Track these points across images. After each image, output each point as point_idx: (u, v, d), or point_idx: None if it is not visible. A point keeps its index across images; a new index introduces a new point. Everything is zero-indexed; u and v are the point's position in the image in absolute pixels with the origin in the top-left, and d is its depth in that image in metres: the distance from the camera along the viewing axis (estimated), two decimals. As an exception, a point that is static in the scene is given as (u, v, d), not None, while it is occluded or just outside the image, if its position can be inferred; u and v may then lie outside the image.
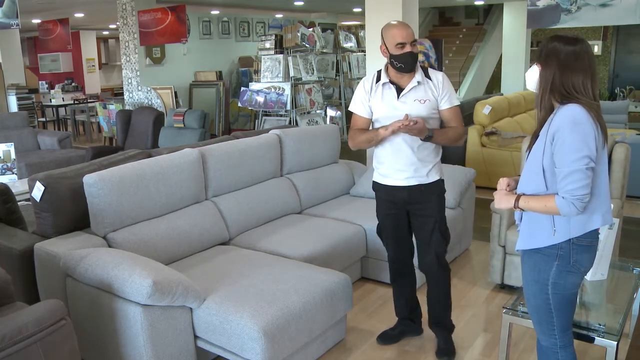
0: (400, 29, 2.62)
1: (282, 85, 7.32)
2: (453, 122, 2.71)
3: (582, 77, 1.88)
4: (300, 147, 4.19)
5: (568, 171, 1.84)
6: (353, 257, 3.67)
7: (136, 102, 8.08)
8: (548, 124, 1.93)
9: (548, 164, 1.91)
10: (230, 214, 3.50)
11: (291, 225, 3.68)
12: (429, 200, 2.76)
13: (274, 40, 7.48)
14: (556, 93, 1.91)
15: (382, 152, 2.78)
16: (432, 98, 2.67)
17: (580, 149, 1.82)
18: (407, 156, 2.71)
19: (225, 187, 3.59)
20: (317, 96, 7.78)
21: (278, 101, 7.27)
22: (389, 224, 2.88)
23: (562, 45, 1.91)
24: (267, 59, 7.46)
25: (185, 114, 6.64)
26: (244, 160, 3.69)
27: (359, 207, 4.07)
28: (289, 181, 4.08)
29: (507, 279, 3.62)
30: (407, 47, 2.60)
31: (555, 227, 1.95)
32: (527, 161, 2.03)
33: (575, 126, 1.83)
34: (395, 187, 2.77)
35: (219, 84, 8.84)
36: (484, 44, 11.62)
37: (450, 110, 2.70)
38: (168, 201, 3.17)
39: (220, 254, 3.18)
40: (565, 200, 1.86)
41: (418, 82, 2.67)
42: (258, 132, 4.20)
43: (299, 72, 7.39)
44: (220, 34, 9.91)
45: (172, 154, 3.31)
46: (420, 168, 2.72)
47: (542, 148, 1.92)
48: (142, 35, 7.68)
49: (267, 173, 3.92)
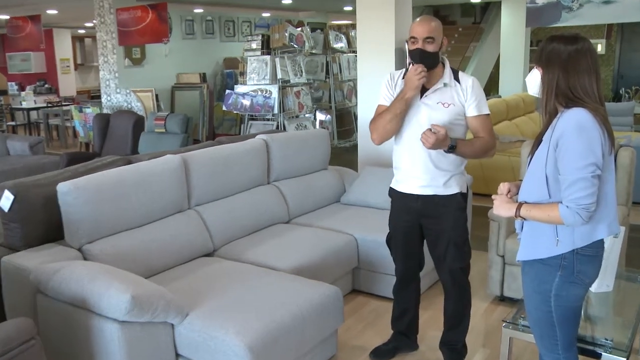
0: (418, 23, 2.60)
1: (269, 88, 7.32)
2: (482, 133, 2.64)
3: (587, 77, 1.88)
4: (288, 153, 4.18)
5: (573, 179, 1.84)
6: (344, 269, 3.66)
7: (114, 106, 8.04)
8: (551, 129, 1.92)
9: (551, 171, 1.91)
10: (215, 224, 3.49)
11: (279, 235, 3.67)
12: (443, 215, 2.70)
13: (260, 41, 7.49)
14: (561, 97, 1.90)
15: (398, 156, 2.77)
16: (457, 103, 2.63)
17: (585, 156, 1.82)
18: (423, 162, 2.67)
19: (209, 195, 3.57)
20: (306, 99, 7.78)
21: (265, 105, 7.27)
22: (399, 235, 2.86)
23: (562, 45, 1.91)
24: (254, 60, 7.46)
25: (167, 118, 6.61)
26: (229, 167, 3.68)
27: (350, 215, 4.07)
28: (277, 189, 4.07)
29: (507, 291, 3.63)
30: (419, 43, 2.58)
31: (559, 236, 1.95)
32: (529, 168, 2.02)
33: (580, 132, 1.83)
34: (408, 195, 2.75)
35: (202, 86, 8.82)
36: (481, 44, 11.71)
37: (478, 118, 2.64)
38: (148, 210, 3.15)
39: (204, 266, 3.16)
40: (570, 209, 1.85)
41: (444, 84, 2.64)
42: (244, 137, 4.19)
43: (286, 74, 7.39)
44: (204, 34, 9.90)
45: (153, 160, 3.29)
46: (437, 177, 2.67)
47: (545, 154, 1.92)
48: (121, 35, 7.66)
49: (253, 180, 3.91)
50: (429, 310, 3.57)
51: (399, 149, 2.78)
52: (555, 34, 1.97)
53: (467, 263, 2.80)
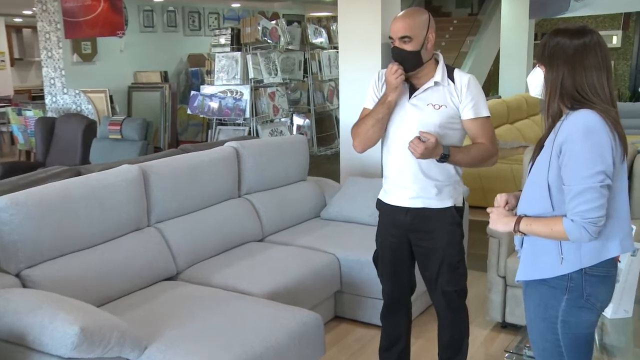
0: (394, 20, 2.66)
1: (239, 89, 7.32)
2: (481, 138, 2.65)
3: (595, 75, 1.90)
4: (262, 163, 4.19)
5: (579, 189, 1.85)
6: (325, 293, 3.66)
7: (61, 108, 7.97)
8: (554, 132, 1.94)
9: (554, 180, 1.92)
10: (178, 243, 3.47)
11: (251, 255, 3.66)
12: (435, 231, 2.72)
13: (230, 35, 7.49)
14: (567, 97, 1.92)
15: (387, 163, 2.79)
16: (451, 104, 2.64)
17: (593, 163, 1.83)
18: (411, 170, 2.68)
19: (172, 210, 3.56)
20: (281, 101, 7.80)
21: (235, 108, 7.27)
22: (386, 252, 2.88)
23: (567, 39, 1.93)
24: (222, 58, 7.47)
25: (123, 123, 6.58)
26: (195, 179, 3.67)
27: (331, 232, 4.08)
28: (249, 203, 4.07)
29: (510, 317, 3.66)
30: (396, 42, 2.63)
31: (563, 254, 1.96)
32: (530, 176, 2.04)
33: (587, 136, 1.84)
34: (395, 208, 2.76)
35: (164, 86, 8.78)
36: (479, 38, 11.84)
37: (475, 122, 2.64)
38: (101, 229, 3.12)
39: (165, 291, 3.15)
40: (576, 223, 1.86)
41: (435, 83, 2.66)
42: (211, 145, 4.19)
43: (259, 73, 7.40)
44: (166, 27, 9.88)
45: (107, 171, 3.28)
46: (428, 187, 2.69)
47: (547, 161, 1.94)
48: (68, 26, 7.58)
49: (222, 193, 3.90)
50: (421, 339, 3.59)
51: (386, 156, 2.81)
52: (560, 26, 1.99)
53: (463, 285, 2.82)
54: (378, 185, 2.91)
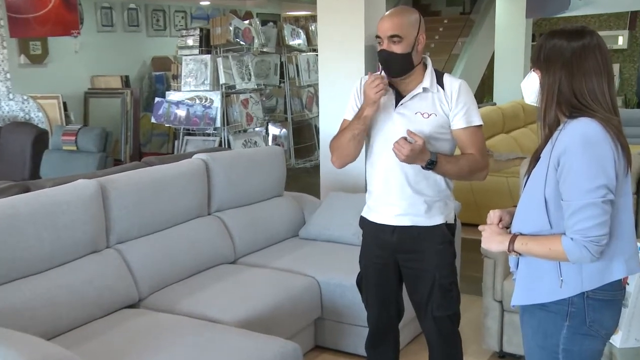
0: (382, 18, 2.67)
1: (209, 95, 7.32)
2: (470, 148, 2.68)
3: (595, 80, 1.92)
4: (234, 177, 4.18)
5: (579, 205, 1.87)
6: (304, 320, 3.66)
7: (6, 116, 7.88)
8: (551, 143, 1.96)
9: (552, 195, 1.94)
10: (141, 267, 3.45)
11: (222, 278, 3.65)
12: (425, 251, 2.73)
13: (198, 36, 7.50)
14: (565, 105, 1.95)
15: (371, 177, 2.81)
16: (441, 112, 2.66)
17: (594, 177, 1.86)
18: (398, 185, 2.70)
19: (134, 230, 3.54)
20: (255, 109, 7.80)
21: (204, 116, 7.26)
22: (371, 275, 2.88)
23: (564, 41, 1.96)
24: (190, 61, 7.46)
25: (79, 133, 6.53)
26: (159, 195, 3.66)
27: (311, 253, 4.08)
28: (219, 221, 4.06)
29: (507, 345, 3.68)
30: (384, 42, 2.64)
31: (563, 276, 1.97)
32: (525, 190, 2.07)
33: (587, 147, 1.86)
34: (381, 226, 2.78)
35: (125, 92, 8.75)
36: (471, 39, 11.95)
37: (466, 131, 2.66)
38: (53, 251, 3.10)
39: (126, 320, 3.12)
40: (576, 242, 1.88)
41: (424, 89, 2.68)
42: (178, 157, 4.18)
43: (231, 77, 7.41)
44: (126, 26, 9.85)
45: (60, 187, 3.25)
46: (416, 203, 2.70)
47: (543, 174, 1.96)
48: (13, 23, 7.47)
49: (189, 211, 3.89)
50: (411, 370, 3.59)
51: (370, 169, 2.82)
52: (557, 28, 2.02)
53: (456, 310, 2.83)
54: (362, 201, 2.92)
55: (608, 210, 1.88)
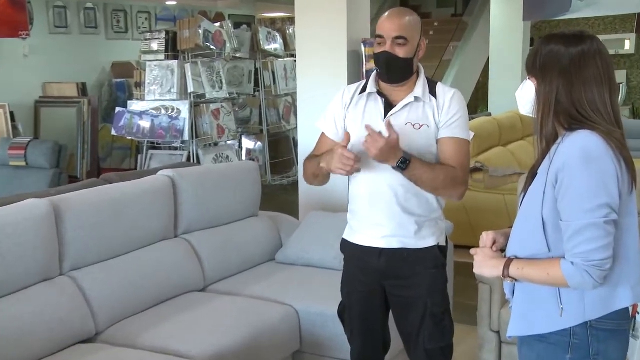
0: (387, 18, 2.67)
1: (176, 105, 7.31)
2: (451, 161, 2.69)
3: (596, 88, 1.94)
4: (204, 195, 4.18)
5: (579, 226, 1.88)
6: (281, 353, 3.65)
7: (-52, 128, 7.83)
8: (549, 158, 1.98)
9: (550, 215, 1.96)
10: (98, 296, 3.43)
11: (190, 308, 3.64)
12: (415, 276, 2.73)
13: (164, 40, 7.50)
14: (564, 116, 1.97)
15: (355, 195, 2.81)
16: (432, 124, 2.69)
17: (595, 195, 1.87)
18: (386, 203, 2.70)
19: (91, 255, 3.52)
20: (227, 121, 7.81)
21: (171, 128, 7.25)
22: (355, 305, 2.88)
23: (562, 46, 1.98)
24: (155, 67, 7.46)
25: (29, 147, 6.49)
26: (120, 216, 3.64)
27: (288, 279, 4.08)
28: (187, 244, 4.05)
29: (505, 379, 3.68)
30: (387, 44, 2.64)
31: (563, 304, 1.98)
32: (521, 210, 2.08)
33: (588, 162, 1.88)
34: (367, 250, 2.78)
35: (81, 101, 8.71)
36: (464, 44, 12.04)
37: (450, 142, 2.69)
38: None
39: (81, 357, 3.09)
40: (576, 267, 1.89)
41: (415, 99, 2.69)
42: (141, 174, 4.17)
43: (200, 86, 7.41)
44: (83, 28, 9.82)
45: (7, 207, 3.23)
46: (405, 224, 2.71)
47: (541, 192, 1.97)
48: (-48, 23, 7.43)
49: (154, 233, 3.88)
50: (399, 409, 3.58)
51: (354, 186, 2.83)
52: (554, 32, 2.05)
53: (449, 342, 2.83)
54: (344, 221, 2.92)
55: (611, 232, 1.89)
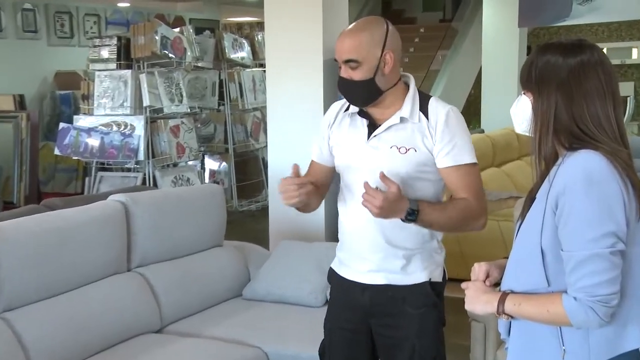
0: (338, 39, 2.69)
1: (130, 121, 7.29)
2: (462, 192, 2.68)
3: (599, 103, 1.96)
4: (161, 223, 4.16)
5: (582, 257, 1.88)
6: (251, 404, 3.63)
7: None
8: (548, 181, 1.99)
9: (550, 244, 1.97)
10: (37, 341, 3.39)
11: (145, 352, 3.62)
12: (403, 315, 2.75)
13: (115, 46, 7.49)
14: (564, 134, 1.99)
15: (341, 224, 2.84)
16: (421, 147, 2.66)
17: (600, 222, 1.88)
18: (369, 234, 2.71)
19: (29, 293, 3.48)
20: (188, 138, 7.80)
21: (124, 147, 7.22)
22: (338, 345, 2.89)
23: (560, 57, 2.00)
24: (105, 77, 7.44)
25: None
26: (64, 247, 3.62)
27: (257, 317, 4.07)
28: (142, 279, 4.03)
29: None
30: (342, 68, 2.67)
31: (565, 345, 1.98)
32: (517, 239, 2.10)
33: (591, 185, 1.89)
34: (352, 284, 2.79)
35: (19, 116, 8.66)
36: (454, 53, 12.12)
37: (456, 171, 2.67)
38: None
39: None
40: (580, 303, 1.89)
41: (401, 119, 2.68)
42: (89, 199, 4.16)
43: (158, 99, 7.40)
44: (20, 32, 9.77)
45: None
46: (391, 257, 2.71)
47: (540, 218, 1.98)
48: None
49: (103, 267, 3.85)
50: None
51: (340, 214, 2.85)
52: (551, 41, 2.07)
53: None
54: (321, 252, 2.94)
55: (618, 264, 1.90)
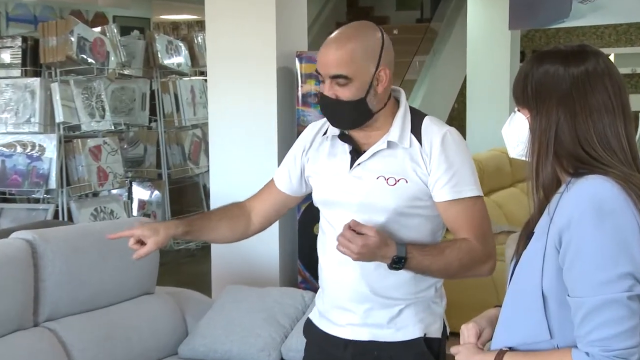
0: (322, 49, 2.65)
1: (38, 141, 7.24)
2: (463, 231, 2.70)
3: (607, 119, 1.98)
4: (78, 266, 4.13)
5: (594, 304, 1.88)
6: None
7: None
8: (548, 213, 2.00)
9: (553, 288, 1.97)
10: None
11: None
12: None
13: (20, 49, 7.46)
14: (567, 158, 2.00)
15: (321, 269, 2.86)
16: (413, 177, 2.67)
17: (614, 261, 1.88)
18: (351, 280, 2.72)
19: None
20: (112, 161, 7.77)
21: (31, 172, 7.17)
22: None
23: (560, 66, 2.02)
24: (7, 87, 7.40)
25: None
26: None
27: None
28: (52, 336, 3.99)
29: None
30: (326, 84, 2.64)
31: None
32: (513, 281, 2.11)
33: (601, 218, 1.89)
34: (331, 339, 2.81)
35: None
36: (434, 59, 12.20)
37: (453, 205, 2.68)
38: None
39: None
40: (593, 359, 1.88)
41: (389, 144, 2.70)
42: (-14, 236, 4.10)
43: (74, 114, 7.37)
44: None
45: None
46: (377, 309, 2.73)
47: (540, 258, 1.99)
48: None
49: (3, 321, 3.81)
50: None
51: (320, 254, 2.88)
52: (548, 47, 2.09)
53: None
54: (275, 300, 2.93)
55: (637, 310, 1.90)
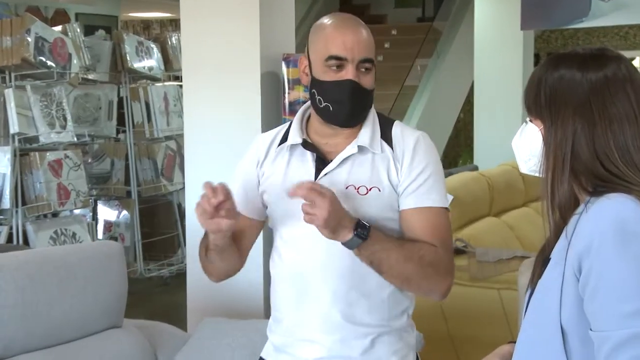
0: (343, 30, 2.70)
1: (-8, 153, 7.25)
2: (426, 237, 2.71)
3: (629, 131, 1.99)
4: (34, 296, 4.11)
5: (620, 338, 1.88)
6: None
7: None
8: (566, 237, 2.02)
9: (573, 321, 1.98)
10: None
11: None
12: None
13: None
14: (585, 174, 2.01)
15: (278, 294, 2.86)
16: (387, 184, 2.72)
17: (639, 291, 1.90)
18: (322, 306, 2.74)
19: None
20: (74, 178, 7.77)
21: (-16, 189, 7.18)
22: None
23: (577, 71, 2.03)
24: (-42, 94, 7.41)
25: None
26: None
27: None
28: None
29: None
30: (349, 69, 2.67)
31: None
32: (528, 314, 2.12)
33: (626, 242, 1.90)
34: None
35: None
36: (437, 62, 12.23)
37: (418, 215, 2.73)
38: None
39: None
40: None
41: (360, 149, 2.73)
42: None
43: (30, 123, 7.37)
44: None
45: None
46: (350, 339, 2.75)
47: (557, 287, 2.00)
48: None
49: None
50: None
51: (276, 280, 2.87)
52: (564, 50, 2.10)
53: None
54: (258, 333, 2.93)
55: None
